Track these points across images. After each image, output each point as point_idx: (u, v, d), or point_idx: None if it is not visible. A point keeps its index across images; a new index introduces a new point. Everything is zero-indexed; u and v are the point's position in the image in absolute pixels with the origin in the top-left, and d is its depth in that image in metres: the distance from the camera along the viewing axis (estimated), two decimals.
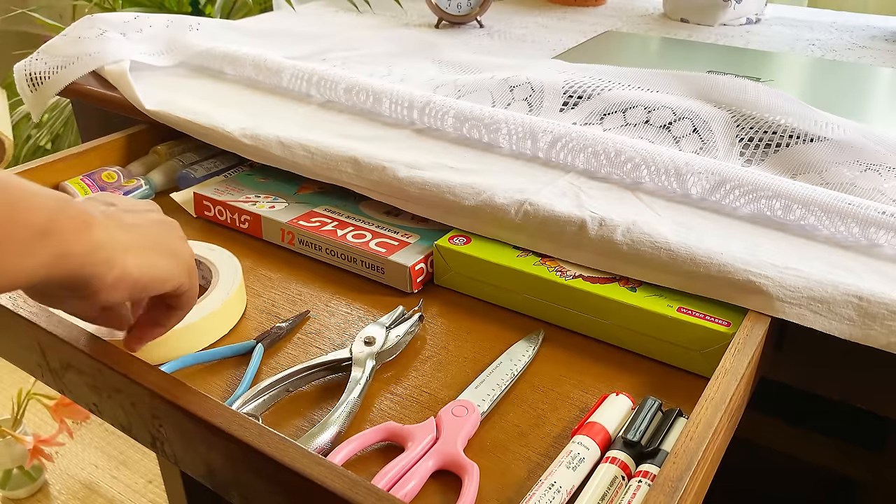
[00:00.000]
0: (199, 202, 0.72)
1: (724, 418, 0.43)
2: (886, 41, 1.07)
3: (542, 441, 0.47)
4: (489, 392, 0.50)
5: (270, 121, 0.74)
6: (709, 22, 1.15)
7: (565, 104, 0.75)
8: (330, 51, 0.95)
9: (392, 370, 0.53)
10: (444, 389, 0.51)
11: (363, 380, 0.50)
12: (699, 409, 0.43)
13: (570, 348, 0.55)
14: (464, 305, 0.60)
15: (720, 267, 0.51)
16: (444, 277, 0.61)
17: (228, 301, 0.56)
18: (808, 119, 0.67)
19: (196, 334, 0.54)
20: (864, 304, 0.48)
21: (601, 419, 0.46)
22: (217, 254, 0.61)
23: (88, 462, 1.59)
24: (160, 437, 0.45)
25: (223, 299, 0.55)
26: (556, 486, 0.41)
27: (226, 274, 0.58)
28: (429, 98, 0.74)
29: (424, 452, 0.45)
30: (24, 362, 0.53)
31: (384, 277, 0.62)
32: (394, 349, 0.54)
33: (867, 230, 0.54)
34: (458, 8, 1.10)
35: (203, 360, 0.53)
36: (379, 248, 0.62)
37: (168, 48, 0.92)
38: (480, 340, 0.56)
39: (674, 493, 0.37)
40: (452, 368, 0.53)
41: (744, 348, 0.47)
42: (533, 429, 0.48)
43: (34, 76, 0.85)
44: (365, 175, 0.65)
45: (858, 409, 0.55)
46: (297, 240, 0.66)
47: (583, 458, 0.43)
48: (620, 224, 0.56)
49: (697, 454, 0.39)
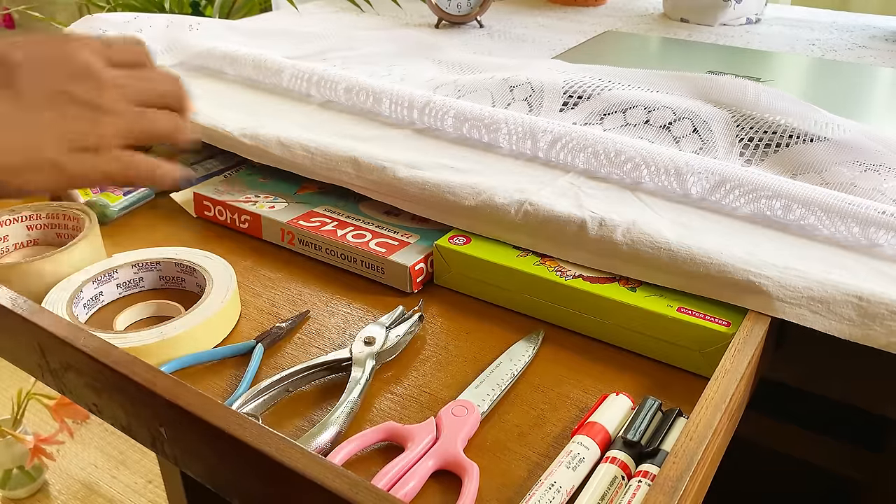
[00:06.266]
0: (198, 202, 0.72)
1: (724, 418, 0.43)
2: (886, 41, 1.07)
3: (541, 441, 0.47)
4: (489, 392, 0.50)
5: (270, 121, 0.74)
6: (709, 22, 1.15)
7: (565, 104, 0.75)
8: (330, 51, 0.95)
9: (392, 370, 0.53)
10: (444, 389, 0.51)
11: (363, 380, 0.50)
12: (699, 408, 0.43)
13: (570, 348, 0.55)
14: (464, 305, 0.60)
15: (720, 267, 0.51)
16: (443, 277, 0.61)
17: (222, 310, 0.55)
18: (808, 119, 0.67)
19: (191, 342, 0.54)
20: (864, 304, 0.48)
21: (601, 419, 0.46)
22: (212, 262, 0.61)
23: (88, 462, 1.59)
24: (160, 437, 0.45)
25: (215, 309, 0.55)
26: (556, 486, 0.41)
27: (220, 282, 0.58)
28: (429, 98, 0.74)
29: (424, 452, 0.45)
30: (24, 363, 0.53)
31: (384, 277, 0.62)
32: (394, 349, 0.53)
33: (867, 230, 0.54)
34: (458, 8, 1.10)
35: (203, 360, 0.53)
36: (379, 248, 0.62)
37: (168, 48, 0.92)
38: (480, 340, 0.56)
39: (674, 493, 0.37)
40: (452, 368, 0.53)
41: (744, 348, 0.47)
42: (533, 429, 0.48)
43: None
44: (365, 175, 0.65)
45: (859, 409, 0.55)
46: (297, 240, 0.66)
47: (583, 458, 0.43)
48: (620, 224, 0.56)
49: (697, 454, 0.39)
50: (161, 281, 0.62)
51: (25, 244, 0.66)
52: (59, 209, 0.66)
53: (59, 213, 0.66)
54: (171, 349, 0.52)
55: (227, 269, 0.60)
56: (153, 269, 0.61)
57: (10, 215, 0.65)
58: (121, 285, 0.61)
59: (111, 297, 0.60)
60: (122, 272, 0.60)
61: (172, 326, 0.53)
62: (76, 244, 0.60)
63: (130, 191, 0.74)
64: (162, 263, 0.61)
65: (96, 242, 0.63)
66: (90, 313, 0.59)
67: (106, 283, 0.60)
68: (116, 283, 0.60)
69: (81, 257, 0.60)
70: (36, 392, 1.46)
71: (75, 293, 0.57)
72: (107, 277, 0.60)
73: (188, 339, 0.53)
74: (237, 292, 0.58)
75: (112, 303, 0.60)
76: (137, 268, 0.61)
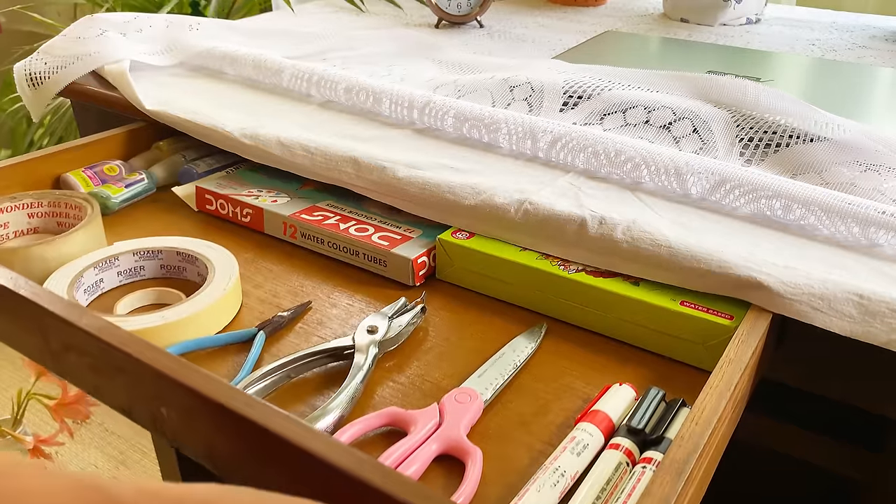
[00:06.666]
0: (200, 196, 0.72)
1: (729, 406, 0.44)
2: (886, 41, 1.07)
3: (545, 429, 0.47)
4: (492, 381, 0.50)
5: (270, 121, 0.74)
6: (709, 22, 1.15)
7: (565, 104, 0.75)
8: (330, 51, 0.95)
9: (394, 359, 0.53)
10: (447, 378, 0.51)
11: (366, 366, 0.50)
12: (704, 395, 0.43)
13: (572, 342, 0.55)
14: (466, 299, 0.60)
15: (720, 263, 0.51)
16: (446, 271, 0.61)
17: (224, 297, 0.56)
18: (809, 119, 0.67)
19: (193, 327, 0.54)
20: (865, 301, 0.48)
21: (605, 408, 0.46)
22: (214, 251, 0.61)
23: (88, 462, 1.59)
24: (161, 417, 0.44)
25: (218, 296, 0.55)
26: (560, 471, 0.41)
27: (222, 271, 0.58)
28: (429, 98, 0.74)
29: (427, 437, 0.45)
30: (24, 345, 0.53)
31: (386, 270, 0.62)
32: (396, 339, 0.54)
33: (867, 230, 0.54)
34: (458, 8, 1.10)
35: (204, 345, 0.53)
36: (381, 242, 0.62)
37: (168, 48, 0.92)
38: (482, 333, 0.56)
39: (680, 475, 0.37)
40: (455, 359, 0.53)
41: (747, 339, 0.48)
42: (536, 417, 0.48)
43: (34, 76, 0.85)
44: (365, 175, 0.65)
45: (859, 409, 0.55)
46: (299, 233, 0.66)
47: (587, 445, 0.43)
48: (620, 223, 0.56)
49: (703, 437, 0.39)
50: (162, 270, 0.62)
51: (25, 232, 0.67)
52: (61, 197, 0.66)
53: (61, 201, 0.66)
54: (172, 334, 0.52)
55: (229, 258, 0.60)
56: (154, 258, 0.61)
57: (11, 202, 0.65)
58: (122, 273, 0.61)
59: (112, 285, 0.60)
60: (124, 259, 0.60)
61: (174, 311, 0.53)
62: (79, 230, 0.61)
63: (132, 183, 0.75)
64: (163, 252, 0.61)
65: (98, 230, 0.63)
66: (90, 299, 0.59)
67: (107, 269, 0.60)
68: (117, 271, 0.60)
69: (83, 244, 0.61)
70: (36, 392, 1.46)
71: (76, 278, 0.57)
72: (108, 264, 0.60)
73: (190, 324, 0.53)
74: (239, 281, 0.58)
75: (112, 290, 0.60)
76: (139, 256, 0.61)
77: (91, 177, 0.75)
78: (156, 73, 0.88)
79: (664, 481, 0.36)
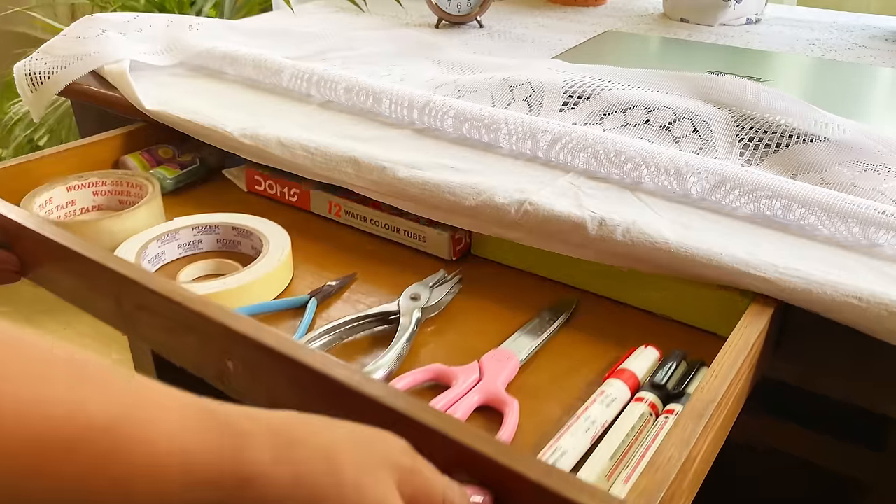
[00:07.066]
0: (250, 177, 0.77)
1: (745, 364, 0.47)
2: (886, 41, 1.07)
3: (575, 386, 0.51)
4: (527, 344, 0.54)
5: (270, 121, 0.74)
6: (709, 22, 1.15)
7: (565, 104, 0.75)
8: (330, 51, 0.95)
9: (435, 324, 0.58)
10: (484, 343, 0.55)
11: (411, 327, 0.54)
12: (723, 353, 0.46)
13: (602, 315, 0.59)
14: (501, 273, 0.64)
15: (720, 264, 0.52)
16: (482, 248, 0.65)
17: (279, 267, 0.60)
18: (808, 119, 0.67)
19: (250, 294, 0.58)
20: (864, 304, 0.48)
21: (631, 366, 0.50)
22: (268, 226, 0.65)
23: None
24: (227, 371, 0.47)
25: (273, 266, 0.60)
26: (590, 419, 0.46)
27: (276, 243, 0.62)
28: (429, 98, 0.74)
29: (469, 389, 0.50)
30: (96, 307, 0.56)
31: (426, 245, 0.66)
32: (436, 307, 0.58)
33: (867, 230, 0.54)
34: (458, 8, 1.10)
35: (260, 310, 0.58)
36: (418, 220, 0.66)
37: (168, 48, 0.92)
38: (517, 302, 0.60)
39: (700, 419, 0.40)
40: (491, 325, 0.57)
41: (761, 311, 0.50)
42: (567, 376, 0.52)
43: (34, 76, 0.85)
44: (365, 175, 0.66)
45: (860, 408, 0.55)
46: (343, 211, 0.70)
47: (615, 398, 0.48)
48: (620, 224, 0.56)
49: (721, 389, 0.43)
50: (218, 244, 0.66)
51: (90, 209, 0.72)
52: (124, 177, 0.72)
53: (124, 180, 0.72)
54: (231, 299, 0.57)
55: (282, 233, 0.64)
56: (212, 232, 0.66)
57: (79, 181, 0.71)
58: (182, 246, 0.65)
59: (172, 257, 0.65)
60: (183, 233, 0.65)
61: (234, 279, 0.58)
62: (142, 206, 0.66)
63: (185, 165, 0.79)
64: (220, 227, 0.66)
65: (159, 207, 0.68)
66: (154, 269, 0.63)
67: (168, 242, 0.64)
68: (178, 244, 0.65)
69: (146, 219, 0.66)
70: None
71: (141, 250, 0.61)
72: (169, 238, 0.64)
73: (247, 291, 0.58)
74: (291, 253, 0.63)
75: (173, 262, 0.65)
76: (197, 230, 0.66)
77: (147, 159, 0.79)
78: (156, 72, 0.88)
79: (685, 426, 0.40)
